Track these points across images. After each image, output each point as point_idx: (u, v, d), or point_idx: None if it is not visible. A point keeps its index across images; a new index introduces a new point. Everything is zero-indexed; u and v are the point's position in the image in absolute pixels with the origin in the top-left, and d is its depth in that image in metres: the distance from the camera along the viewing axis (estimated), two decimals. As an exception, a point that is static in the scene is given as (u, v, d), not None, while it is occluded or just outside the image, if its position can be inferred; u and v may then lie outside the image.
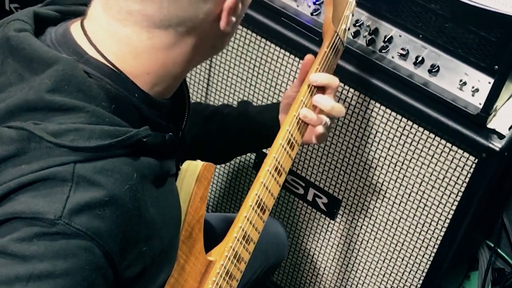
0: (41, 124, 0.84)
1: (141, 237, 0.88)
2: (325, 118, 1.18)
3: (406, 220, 1.57)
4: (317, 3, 1.51)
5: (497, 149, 1.37)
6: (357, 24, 1.45)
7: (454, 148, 1.43)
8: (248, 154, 1.77)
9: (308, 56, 1.18)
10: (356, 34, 1.47)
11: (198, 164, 1.00)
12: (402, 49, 1.42)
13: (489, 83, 1.35)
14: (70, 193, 0.81)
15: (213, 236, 1.08)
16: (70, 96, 0.86)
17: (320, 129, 1.18)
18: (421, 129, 1.46)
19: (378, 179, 1.57)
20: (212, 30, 0.97)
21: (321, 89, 1.17)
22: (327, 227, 1.71)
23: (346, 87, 1.51)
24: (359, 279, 1.73)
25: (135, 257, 0.88)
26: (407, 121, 1.47)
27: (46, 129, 0.83)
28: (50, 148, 0.83)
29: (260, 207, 1.07)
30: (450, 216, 1.50)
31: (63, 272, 0.78)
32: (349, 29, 1.28)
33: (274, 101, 1.65)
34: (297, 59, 1.57)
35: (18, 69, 0.90)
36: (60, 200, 0.80)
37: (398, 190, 1.55)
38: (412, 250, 1.59)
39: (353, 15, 1.28)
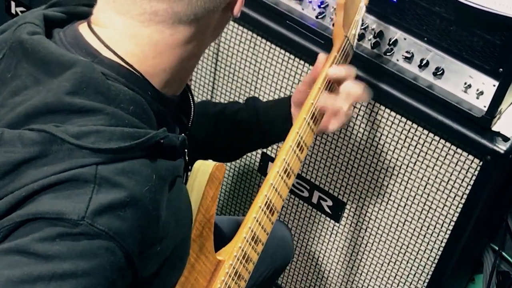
0: (62, 127, 0.84)
1: (157, 237, 0.89)
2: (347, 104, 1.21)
3: (410, 222, 1.57)
4: (322, 6, 1.51)
5: (502, 151, 1.38)
6: (362, 27, 1.46)
7: (459, 150, 1.43)
8: (254, 158, 1.77)
9: (321, 55, 1.20)
10: (361, 37, 1.47)
11: (210, 164, 1.01)
12: (407, 52, 1.43)
13: (494, 85, 1.35)
14: (92, 194, 0.81)
15: (222, 237, 1.09)
16: (90, 98, 0.86)
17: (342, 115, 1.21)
18: (425, 131, 1.46)
19: (382, 181, 1.57)
20: (225, 17, 0.99)
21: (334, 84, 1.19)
22: (332, 230, 1.72)
23: (351, 90, 1.52)
24: (364, 281, 1.73)
25: (151, 258, 0.88)
26: (411, 124, 1.47)
27: (68, 131, 0.84)
28: (71, 150, 0.83)
29: (269, 208, 1.08)
30: (454, 219, 1.50)
31: (85, 272, 0.78)
32: (359, 33, 1.29)
33: (279, 104, 1.66)
34: (302, 62, 1.58)
35: (33, 72, 0.90)
36: (83, 201, 0.80)
37: (403, 193, 1.55)
38: (417, 253, 1.60)
39: (363, 21, 1.28)
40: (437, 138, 1.45)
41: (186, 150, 1.05)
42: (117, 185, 0.83)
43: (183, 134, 0.98)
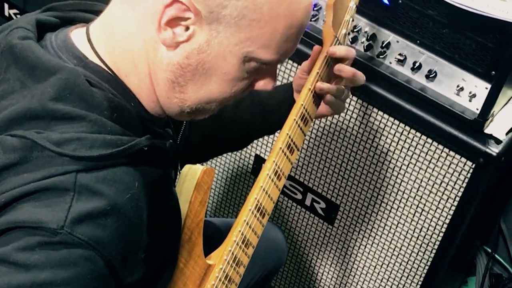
0: (43, 133, 0.84)
1: (142, 245, 0.89)
2: (341, 87, 1.18)
3: (403, 225, 1.57)
4: (315, 9, 1.51)
5: (494, 154, 1.38)
6: (355, 30, 1.46)
7: (452, 153, 1.44)
8: (247, 160, 1.77)
9: (316, 47, 1.19)
10: (354, 39, 1.48)
11: (198, 168, 1.00)
12: (400, 54, 1.43)
13: (486, 88, 1.36)
14: (72, 202, 0.81)
15: (213, 240, 1.08)
16: (73, 105, 0.86)
17: (337, 100, 1.18)
18: (418, 134, 1.46)
19: (376, 184, 1.57)
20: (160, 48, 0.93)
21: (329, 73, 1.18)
22: (325, 232, 1.72)
23: (344, 93, 1.52)
24: (357, 284, 1.73)
25: (136, 265, 0.88)
26: (404, 126, 1.47)
27: (49, 138, 0.83)
28: (52, 157, 0.83)
29: (260, 211, 1.07)
30: (447, 221, 1.50)
31: (64, 281, 0.78)
32: (349, 33, 1.28)
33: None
34: (295, 64, 1.58)
35: (20, 77, 0.90)
36: (62, 210, 0.80)
37: (396, 195, 1.55)
38: (410, 255, 1.60)
39: (353, 20, 1.28)
40: (429, 140, 1.45)
41: (178, 156, 1.04)
42: (97, 194, 0.82)
43: (171, 141, 0.98)
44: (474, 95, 1.38)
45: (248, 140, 1.43)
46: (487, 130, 1.40)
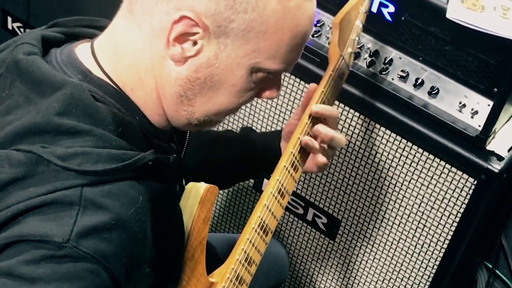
0: (49, 148, 0.85)
1: (145, 259, 0.89)
2: (325, 146, 1.17)
3: (405, 240, 1.57)
4: (318, 25, 1.52)
5: (496, 170, 1.38)
6: (358, 46, 1.46)
7: (454, 169, 1.44)
8: (248, 174, 1.77)
9: (312, 85, 1.19)
10: (357, 56, 1.48)
11: (202, 186, 1.00)
12: (402, 71, 1.44)
13: (488, 105, 1.36)
14: (77, 216, 0.81)
15: (215, 256, 1.08)
16: (78, 120, 0.87)
17: (320, 158, 1.16)
18: (420, 150, 1.46)
19: (377, 199, 1.57)
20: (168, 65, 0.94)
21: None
22: (327, 247, 1.71)
23: (346, 108, 1.52)
24: (358, 299, 1.73)
25: (139, 279, 0.89)
26: (406, 142, 1.48)
27: (54, 153, 0.84)
28: (57, 171, 0.83)
29: (263, 229, 1.07)
30: (449, 237, 1.50)
31: None
32: (354, 52, 1.29)
33: (276, 121, 1.66)
34: (297, 79, 1.58)
35: (25, 92, 0.91)
36: (67, 224, 0.81)
37: (398, 211, 1.55)
38: (411, 271, 1.60)
39: (359, 39, 1.28)
40: (432, 156, 1.46)
41: (181, 171, 1.04)
42: (103, 208, 0.83)
43: (174, 155, 0.98)
44: (476, 112, 1.38)
45: (232, 181, 1.44)
46: (489, 147, 1.41)
